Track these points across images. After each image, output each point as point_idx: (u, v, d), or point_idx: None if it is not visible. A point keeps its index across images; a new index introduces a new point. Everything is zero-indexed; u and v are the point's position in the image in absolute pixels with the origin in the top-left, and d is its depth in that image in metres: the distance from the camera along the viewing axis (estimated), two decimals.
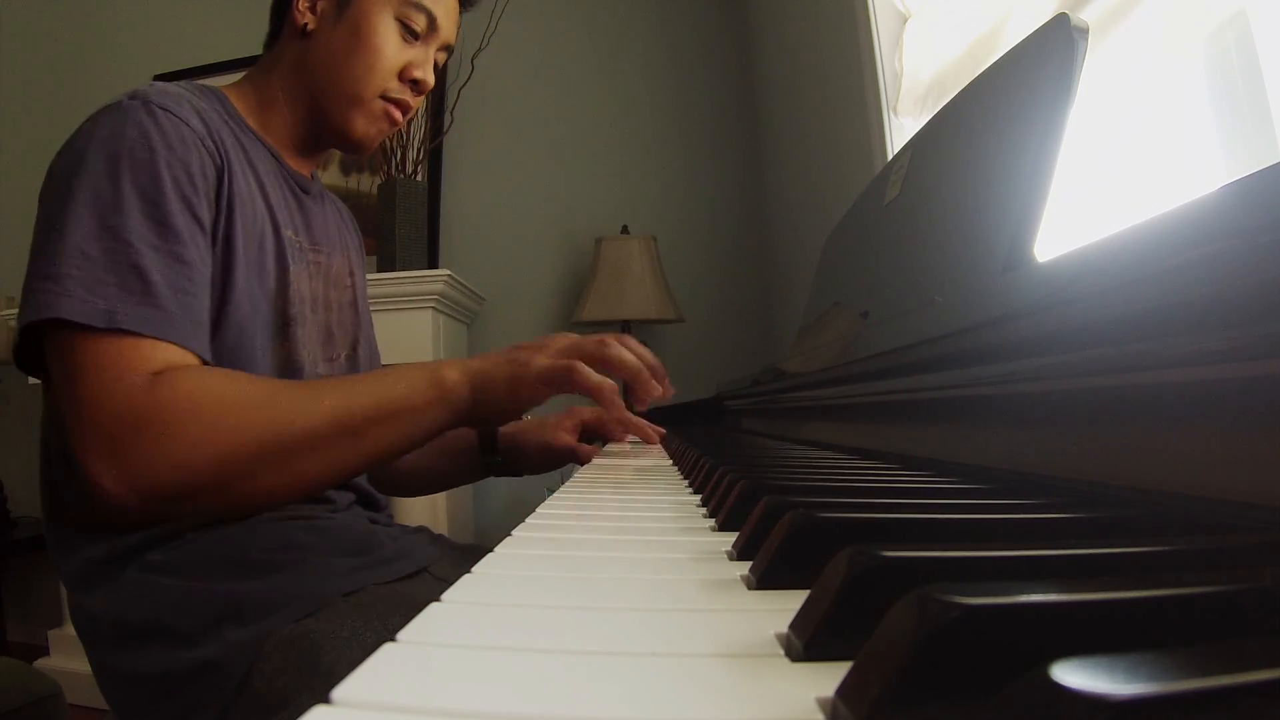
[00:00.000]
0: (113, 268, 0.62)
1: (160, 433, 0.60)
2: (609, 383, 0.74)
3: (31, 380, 2.11)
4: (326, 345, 0.87)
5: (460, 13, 0.89)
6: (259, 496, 0.65)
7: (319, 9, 0.82)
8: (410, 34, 0.82)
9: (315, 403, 0.65)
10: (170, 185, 0.66)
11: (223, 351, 0.71)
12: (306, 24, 0.81)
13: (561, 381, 0.72)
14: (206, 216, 0.70)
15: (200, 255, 0.68)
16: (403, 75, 0.83)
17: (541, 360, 0.72)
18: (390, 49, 0.82)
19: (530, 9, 2.45)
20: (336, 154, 2.43)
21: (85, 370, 0.61)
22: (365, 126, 0.84)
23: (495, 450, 1.04)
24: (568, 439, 1.01)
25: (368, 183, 2.41)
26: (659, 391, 0.77)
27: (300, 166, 0.88)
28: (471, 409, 0.71)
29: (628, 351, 0.76)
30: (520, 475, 1.07)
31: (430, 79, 0.85)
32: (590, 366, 0.73)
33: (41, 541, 2.39)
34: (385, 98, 0.83)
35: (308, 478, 0.66)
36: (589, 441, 1.05)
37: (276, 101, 0.84)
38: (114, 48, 2.65)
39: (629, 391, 0.80)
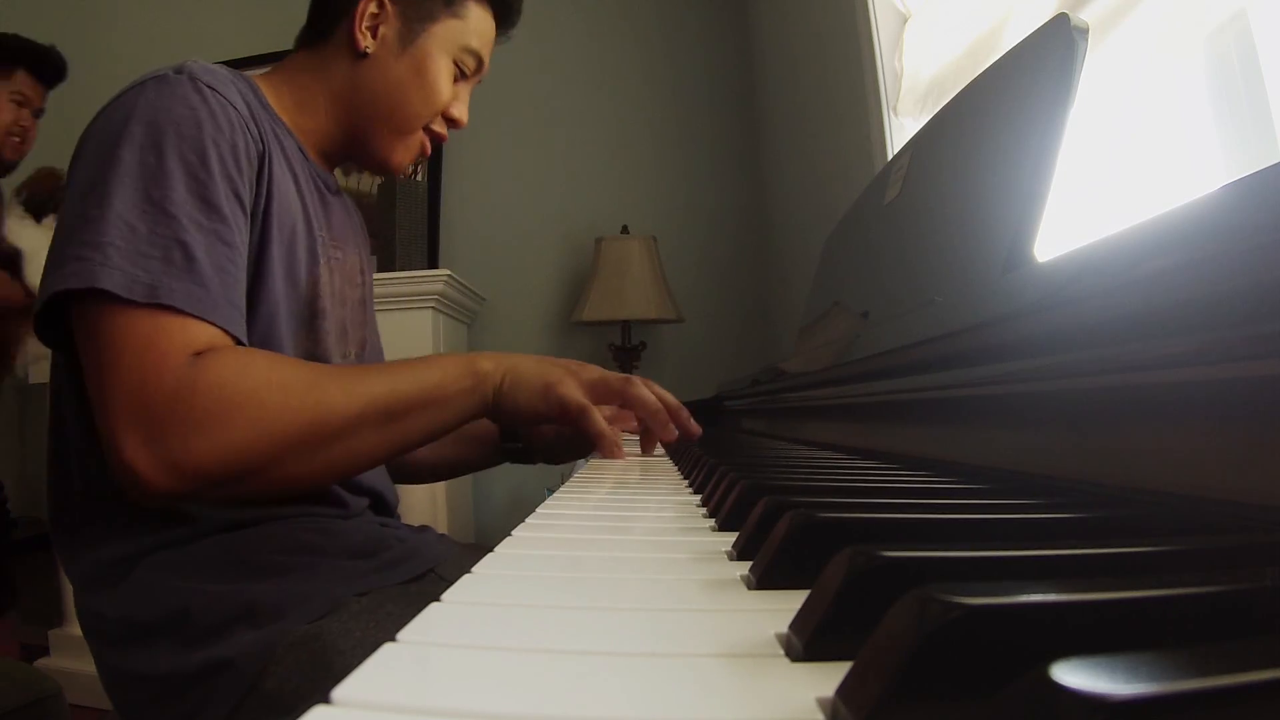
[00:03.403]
0: (157, 241, 0.61)
1: (202, 418, 0.58)
2: (610, 435, 0.73)
3: (33, 380, 2.11)
4: (341, 342, 0.86)
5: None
6: (296, 481, 0.65)
7: (381, 35, 0.82)
8: (461, 74, 0.85)
9: (357, 388, 0.64)
10: (217, 164, 0.65)
11: (251, 340, 0.70)
12: (367, 48, 0.81)
13: (573, 419, 0.71)
14: (248, 199, 0.69)
15: (242, 239, 0.67)
16: (445, 113, 0.86)
17: (569, 389, 0.71)
18: (446, 88, 0.84)
19: (530, 10, 2.44)
20: None
21: (124, 346, 0.59)
22: (403, 156, 0.86)
23: (516, 435, 1.01)
24: None
25: (368, 183, 2.41)
26: (674, 435, 0.76)
27: (322, 166, 0.88)
28: (496, 403, 0.71)
29: (649, 392, 0.75)
30: (535, 462, 1.04)
31: (465, 117, 0.88)
32: (612, 402, 0.73)
33: (41, 542, 2.38)
34: (425, 129, 0.85)
35: (345, 463, 0.65)
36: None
37: (316, 106, 0.83)
38: (115, 47, 2.65)
39: (643, 433, 0.79)
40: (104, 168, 0.63)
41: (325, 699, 0.16)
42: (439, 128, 0.86)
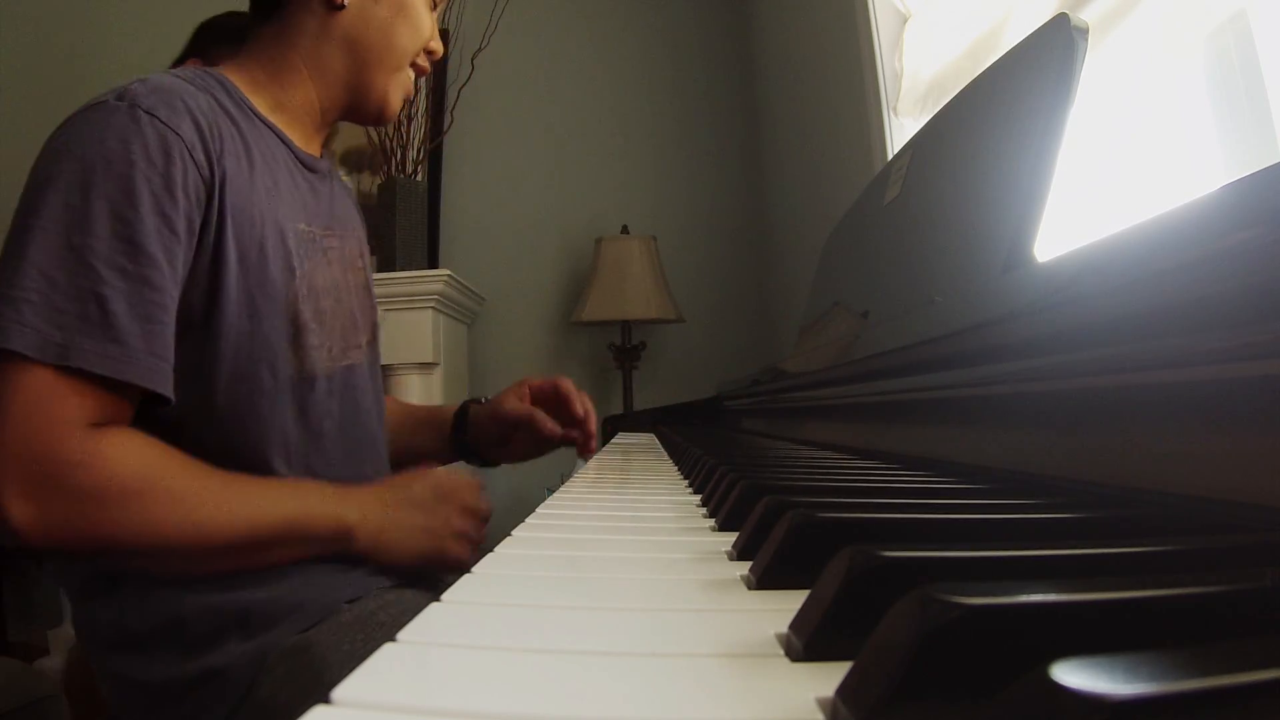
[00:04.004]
0: (74, 294, 0.59)
1: (90, 498, 0.59)
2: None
3: None
4: (351, 333, 0.84)
5: None
6: (157, 569, 0.66)
7: None
8: (432, 4, 0.86)
9: (239, 512, 0.65)
10: (148, 200, 0.63)
11: (218, 376, 0.69)
12: (342, 0, 0.79)
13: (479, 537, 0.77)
14: (187, 231, 0.66)
15: (175, 277, 0.65)
16: (425, 46, 0.86)
17: (460, 523, 0.75)
18: (428, 19, 0.84)
19: (530, 9, 2.45)
20: (336, 152, 2.43)
21: (20, 399, 0.58)
22: (397, 97, 0.85)
23: (472, 450, 1.03)
24: (520, 405, 0.99)
25: (368, 182, 2.41)
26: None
27: (309, 145, 0.85)
28: (367, 557, 0.72)
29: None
30: (488, 464, 1.06)
31: (441, 48, 0.89)
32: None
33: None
34: (412, 65, 0.86)
35: (203, 570, 0.67)
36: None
37: (298, 76, 0.80)
38: (115, 44, 2.65)
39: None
40: (30, 211, 0.61)
41: (325, 699, 0.16)
42: (422, 61, 0.86)
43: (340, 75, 0.82)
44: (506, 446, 1.02)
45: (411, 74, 0.86)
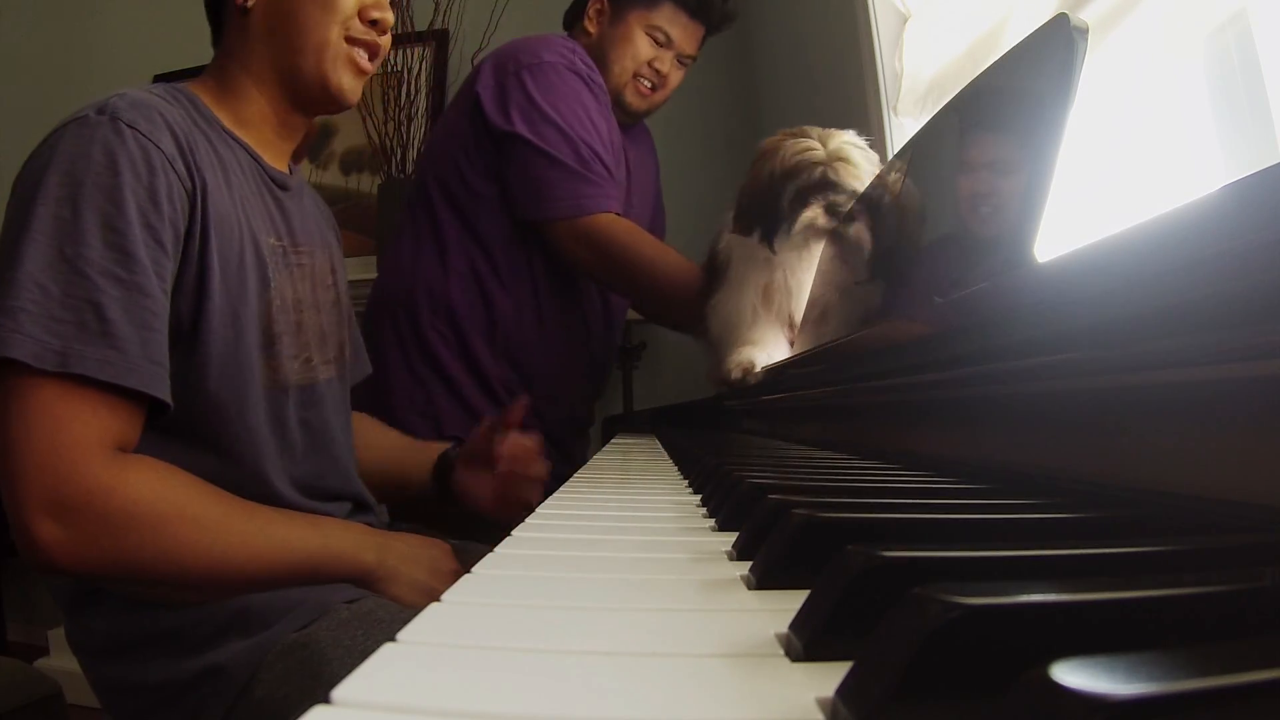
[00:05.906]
0: (70, 303, 0.60)
1: (109, 525, 0.59)
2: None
3: None
4: (320, 348, 0.84)
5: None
6: (173, 598, 0.67)
7: None
8: None
9: (255, 542, 0.65)
10: (135, 212, 0.63)
11: (207, 383, 0.69)
12: (246, 2, 0.79)
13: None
14: (173, 243, 0.67)
15: (164, 287, 0.66)
16: (362, 16, 0.81)
17: (441, 586, 0.75)
18: None
19: (530, 9, 2.44)
20: (337, 153, 2.43)
21: (37, 423, 0.59)
22: (339, 75, 0.81)
23: (450, 481, 0.98)
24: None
25: (368, 183, 2.40)
26: None
27: (278, 160, 0.85)
28: (374, 592, 0.73)
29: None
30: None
31: (389, 15, 0.83)
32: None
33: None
34: (350, 40, 0.81)
35: (218, 597, 0.67)
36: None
37: (246, 88, 0.81)
38: (114, 46, 2.65)
39: None
40: (19, 224, 0.62)
41: (325, 699, 0.16)
42: (364, 34, 0.81)
43: (269, 70, 0.81)
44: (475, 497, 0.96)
45: (353, 50, 0.81)
